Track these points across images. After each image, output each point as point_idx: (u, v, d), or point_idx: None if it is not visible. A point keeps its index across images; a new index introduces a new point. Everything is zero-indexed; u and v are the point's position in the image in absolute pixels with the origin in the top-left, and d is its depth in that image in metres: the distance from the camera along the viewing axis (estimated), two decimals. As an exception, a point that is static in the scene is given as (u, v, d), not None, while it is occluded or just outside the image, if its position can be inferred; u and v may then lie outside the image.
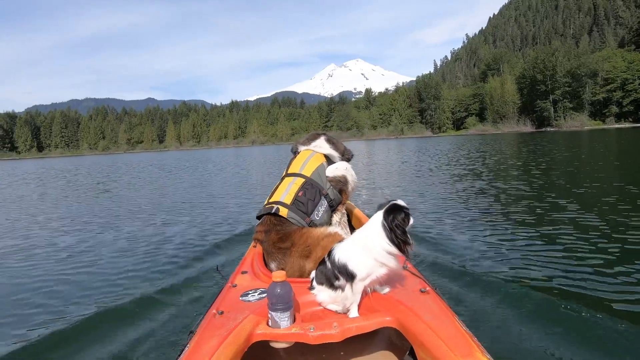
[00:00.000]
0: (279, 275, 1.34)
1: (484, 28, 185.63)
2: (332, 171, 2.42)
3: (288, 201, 2.20)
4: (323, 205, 2.29)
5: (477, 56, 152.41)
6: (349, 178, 2.45)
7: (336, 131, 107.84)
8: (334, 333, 1.30)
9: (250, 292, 1.59)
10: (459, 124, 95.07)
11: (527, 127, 75.55)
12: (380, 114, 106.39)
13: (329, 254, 1.52)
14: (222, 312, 1.41)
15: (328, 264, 1.49)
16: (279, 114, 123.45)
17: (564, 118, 72.94)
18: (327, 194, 2.34)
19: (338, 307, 1.49)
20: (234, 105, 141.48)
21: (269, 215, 2.19)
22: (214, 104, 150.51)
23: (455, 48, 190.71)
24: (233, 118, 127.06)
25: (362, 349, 1.60)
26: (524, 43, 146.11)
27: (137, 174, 17.71)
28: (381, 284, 1.50)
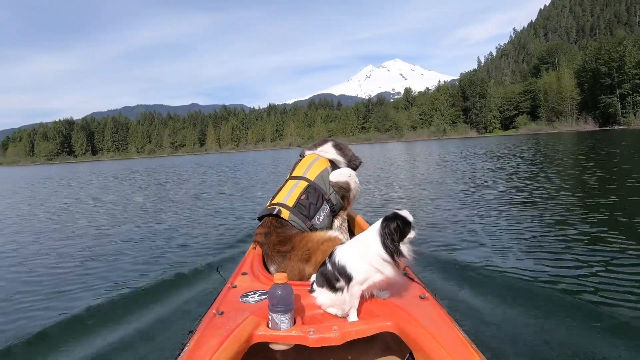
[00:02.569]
0: (280, 277, 1.36)
1: (533, 21, 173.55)
2: (335, 176, 2.41)
3: (290, 203, 2.21)
4: (325, 210, 2.30)
5: (526, 51, 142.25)
6: (352, 185, 2.44)
7: (374, 133, 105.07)
8: (333, 336, 1.30)
9: (250, 293, 1.61)
10: (507, 123, 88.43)
11: (589, 126, 68.06)
12: (420, 114, 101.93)
13: (330, 255, 1.55)
14: (222, 313, 1.43)
15: (329, 265, 1.52)
16: (316, 116, 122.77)
17: (634, 114, 64.90)
18: (330, 199, 2.34)
19: (337, 311, 1.50)
20: (271, 108, 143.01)
21: (270, 217, 2.19)
22: (252, 107, 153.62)
23: (501, 44, 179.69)
24: (270, 121, 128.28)
25: (360, 354, 1.61)
26: (580, 35, 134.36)
27: (169, 176, 17.37)
28: (381, 289, 1.53)
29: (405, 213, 1.41)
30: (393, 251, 1.38)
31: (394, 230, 1.39)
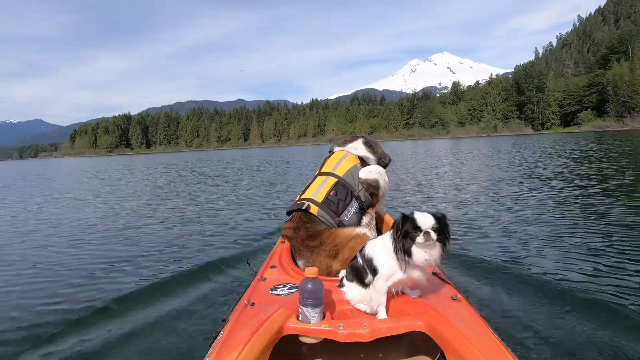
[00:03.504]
0: (311, 272, 1.37)
1: (602, 7, 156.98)
2: (365, 174, 2.40)
3: (319, 199, 2.22)
4: (353, 207, 2.29)
5: (592, 40, 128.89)
6: (381, 182, 2.43)
7: (419, 129, 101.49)
8: (363, 333, 1.30)
9: (279, 286, 1.63)
10: (568, 119, 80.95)
11: (667, 122, 60.26)
12: (469, 110, 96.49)
13: (362, 249, 1.55)
14: (253, 304, 1.46)
15: (359, 258, 1.52)
16: (358, 111, 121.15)
17: None
18: (359, 195, 2.33)
19: (366, 307, 1.50)
20: (314, 103, 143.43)
21: (299, 212, 2.21)
22: (295, 103, 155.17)
23: (563, 33, 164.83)
24: (313, 116, 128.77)
25: (389, 352, 1.59)
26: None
27: (212, 171, 17.59)
28: (411, 288, 1.52)
29: (418, 215, 1.37)
30: (396, 250, 1.38)
31: (397, 229, 1.39)
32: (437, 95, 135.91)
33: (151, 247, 4.36)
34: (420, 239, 1.35)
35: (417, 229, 1.36)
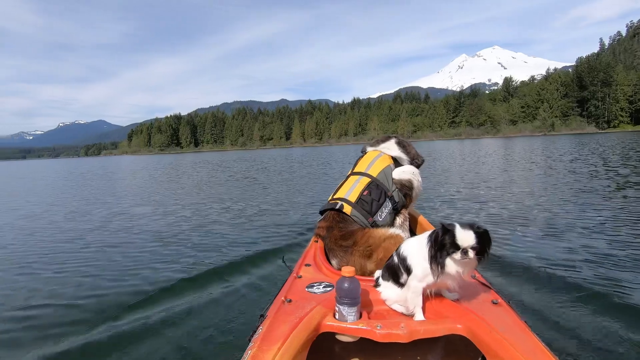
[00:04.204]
0: (348, 271, 1.38)
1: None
2: (398, 174, 2.40)
3: (353, 199, 2.22)
4: (387, 207, 2.29)
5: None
6: (415, 183, 2.42)
7: (466, 127, 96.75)
8: (401, 333, 1.29)
9: (315, 284, 1.65)
10: (639, 117, 72.70)
11: None
12: (522, 107, 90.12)
13: (398, 248, 1.54)
14: (290, 300, 1.49)
15: (395, 257, 1.52)
16: (401, 110, 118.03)
17: None
18: (392, 196, 2.33)
19: (402, 308, 1.49)
20: (355, 102, 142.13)
21: (332, 212, 2.22)
22: (337, 102, 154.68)
23: (634, 21, 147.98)
24: (354, 115, 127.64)
25: (425, 354, 1.57)
26: None
27: (256, 169, 17.73)
28: (449, 290, 1.49)
29: (459, 232, 1.33)
30: (431, 259, 1.36)
31: (436, 240, 1.36)
32: (487, 92, 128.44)
33: (189, 240, 4.56)
34: (457, 256, 1.33)
35: (456, 245, 1.33)
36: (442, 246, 1.34)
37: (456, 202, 6.28)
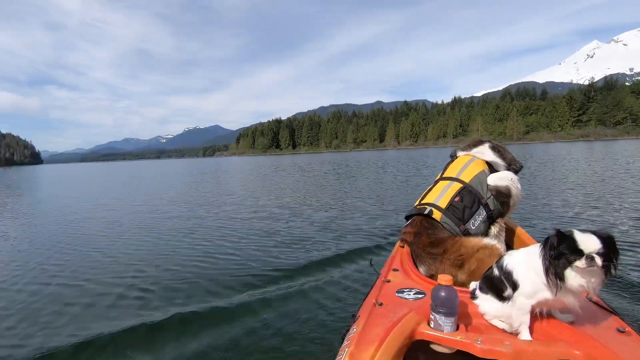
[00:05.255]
0: (445, 279, 1.33)
1: None
2: (494, 180, 2.25)
3: (443, 205, 2.12)
4: (481, 215, 2.16)
5: None
6: (514, 190, 2.25)
7: (596, 127, 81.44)
8: (505, 351, 1.19)
9: (405, 290, 1.62)
10: None
11: None
12: (680, 100, 71.65)
13: (499, 260, 1.44)
14: (381, 304, 1.48)
15: (496, 270, 1.41)
16: (510, 108, 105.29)
17: None
18: (487, 203, 2.19)
19: (504, 325, 1.36)
20: (456, 101, 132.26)
21: (420, 217, 2.14)
22: (435, 102, 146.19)
23: None
24: (454, 115, 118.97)
25: None
26: None
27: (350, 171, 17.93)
28: (561, 310, 1.34)
29: (579, 236, 1.18)
30: (547, 271, 1.22)
31: (552, 248, 1.22)
32: (627, 84, 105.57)
33: (285, 237, 4.83)
34: (581, 263, 1.17)
35: (578, 252, 1.17)
36: (560, 254, 1.19)
37: (566, 215, 5.24)
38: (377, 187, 10.28)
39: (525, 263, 1.31)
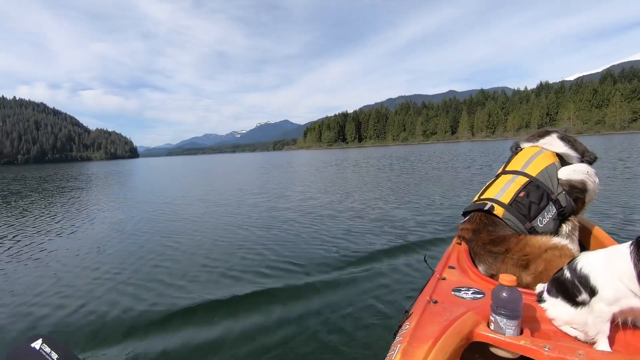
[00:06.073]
0: (508, 280, 1.25)
1: None
2: (567, 174, 2.05)
3: (505, 200, 1.97)
4: (550, 212, 1.97)
5: None
6: (590, 185, 2.04)
7: None
8: None
9: (462, 288, 1.56)
10: None
11: None
12: None
13: (571, 261, 1.33)
14: (436, 301, 1.44)
15: (567, 272, 1.30)
16: (612, 92, 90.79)
17: None
18: (558, 199, 2.00)
19: (578, 333, 1.24)
20: (542, 87, 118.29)
21: (479, 213, 2.00)
22: (516, 88, 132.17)
23: None
24: (539, 103, 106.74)
25: None
26: None
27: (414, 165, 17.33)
28: None
29: None
30: (638, 272, 1.10)
31: None
32: None
33: (340, 231, 4.80)
34: None
35: None
36: None
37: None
38: (436, 182, 9.79)
39: (606, 265, 1.20)
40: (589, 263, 1.24)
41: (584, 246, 2.24)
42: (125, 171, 28.58)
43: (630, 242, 1.16)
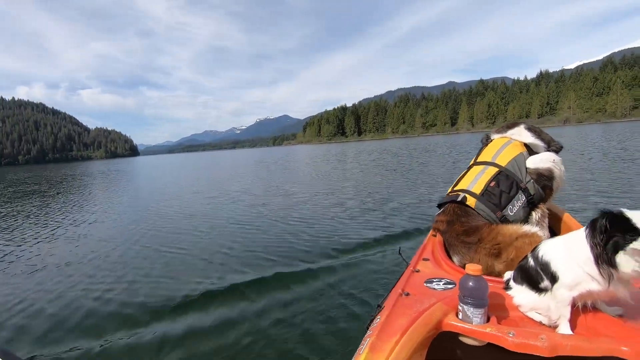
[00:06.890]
0: (473, 269, 1.27)
1: None
2: (534, 162, 2.12)
3: (477, 191, 2.02)
4: (520, 200, 2.03)
5: None
6: (556, 172, 2.11)
7: None
8: (539, 345, 1.12)
9: (434, 280, 1.58)
10: None
11: None
12: None
13: (534, 249, 1.35)
14: (407, 294, 1.45)
15: (531, 260, 1.32)
16: (614, 80, 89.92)
17: None
18: (526, 187, 2.06)
19: (542, 317, 1.28)
20: (542, 76, 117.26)
21: (453, 204, 2.05)
22: (516, 78, 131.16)
23: None
24: (539, 92, 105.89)
25: None
26: None
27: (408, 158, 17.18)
28: (608, 303, 1.25)
29: (633, 214, 1.07)
30: (598, 258, 1.11)
31: (602, 231, 1.10)
32: None
33: (316, 224, 4.98)
34: (637, 244, 1.05)
35: (633, 230, 1.05)
36: (611, 237, 1.08)
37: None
38: (422, 175, 9.79)
39: (566, 251, 1.22)
40: (550, 250, 1.27)
41: (555, 232, 2.25)
42: (128, 170, 28.82)
43: (586, 226, 1.17)
